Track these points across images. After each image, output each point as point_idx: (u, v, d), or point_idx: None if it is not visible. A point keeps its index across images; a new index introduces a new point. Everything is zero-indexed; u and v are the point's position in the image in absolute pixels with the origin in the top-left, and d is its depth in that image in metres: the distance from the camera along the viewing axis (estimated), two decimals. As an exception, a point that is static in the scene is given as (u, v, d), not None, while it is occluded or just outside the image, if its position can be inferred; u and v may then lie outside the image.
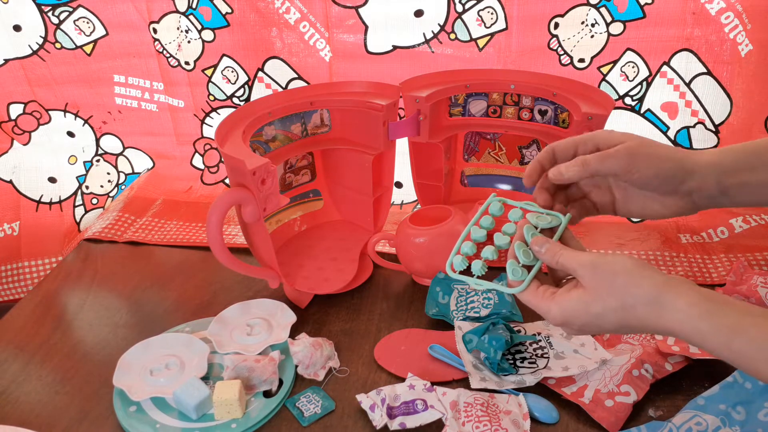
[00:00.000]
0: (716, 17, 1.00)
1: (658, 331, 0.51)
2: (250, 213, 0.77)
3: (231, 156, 0.76)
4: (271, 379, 0.74)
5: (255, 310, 0.86)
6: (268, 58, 1.15)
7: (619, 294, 0.51)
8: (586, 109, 0.83)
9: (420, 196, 1.05)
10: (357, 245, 0.97)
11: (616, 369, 0.72)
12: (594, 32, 1.04)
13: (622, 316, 0.51)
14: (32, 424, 0.72)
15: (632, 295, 0.51)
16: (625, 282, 0.51)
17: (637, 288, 0.51)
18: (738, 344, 0.47)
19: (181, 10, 1.14)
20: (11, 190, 1.26)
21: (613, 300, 0.51)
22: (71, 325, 0.90)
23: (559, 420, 0.70)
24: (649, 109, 1.09)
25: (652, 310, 0.50)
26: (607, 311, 0.52)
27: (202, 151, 1.28)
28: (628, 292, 0.51)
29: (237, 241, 1.05)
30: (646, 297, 0.50)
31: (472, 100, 1.01)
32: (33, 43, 1.17)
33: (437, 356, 0.78)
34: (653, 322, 0.50)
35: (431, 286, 0.87)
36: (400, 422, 0.67)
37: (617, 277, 0.51)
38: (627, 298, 0.51)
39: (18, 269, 1.28)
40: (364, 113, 0.92)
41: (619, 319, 0.51)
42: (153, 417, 0.71)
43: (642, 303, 0.50)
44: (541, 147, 1.02)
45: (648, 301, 0.50)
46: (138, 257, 1.06)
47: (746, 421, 0.64)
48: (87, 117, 1.26)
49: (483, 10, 1.05)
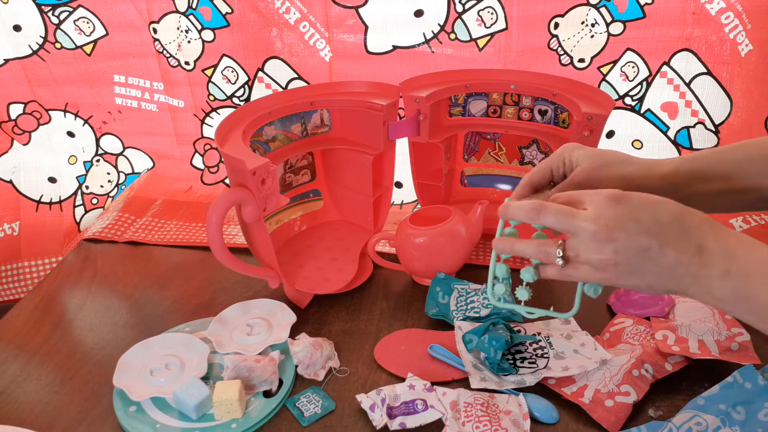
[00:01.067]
0: (716, 17, 1.00)
1: (708, 235, 0.50)
2: (250, 213, 0.77)
3: (231, 156, 0.76)
4: (271, 379, 0.74)
5: (255, 310, 0.86)
6: (268, 58, 1.16)
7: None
8: (586, 109, 0.83)
9: (420, 196, 1.05)
10: (357, 245, 0.97)
11: (616, 369, 0.72)
12: (594, 32, 1.04)
13: (682, 208, 0.51)
14: (32, 424, 0.72)
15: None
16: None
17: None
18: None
19: (181, 10, 1.14)
20: (11, 190, 1.26)
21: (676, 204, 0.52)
22: (71, 325, 0.90)
23: (559, 420, 0.70)
24: (649, 109, 1.09)
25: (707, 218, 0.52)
26: (669, 201, 0.51)
27: (202, 151, 1.28)
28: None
29: (237, 241, 1.05)
30: (704, 216, 0.52)
31: (472, 100, 1.01)
32: (33, 43, 1.17)
33: (437, 356, 0.78)
34: (707, 224, 0.51)
35: (431, 286, 0.87)
36: (400, 422, 0.67)
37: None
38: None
39: (18, 269, 1.28)
40: (364, 113, 0.92)
41: (679, 208, 0.51)
42: (153, 417, 0.71)
43: (701, 215, 0.52)
44: (541, 147, 1.02)
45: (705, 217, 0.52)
46: (138, 257, 1.06)
47: (746, 421, 0.64)
48: (87, 117, 1.26)
49: (483, 10, 1.05)
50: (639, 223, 0.50)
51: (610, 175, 0.60)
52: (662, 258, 0.50)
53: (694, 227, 0.51)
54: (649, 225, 0.50)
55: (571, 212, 0.52)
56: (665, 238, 0.50)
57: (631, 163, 0.62)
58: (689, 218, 0.51)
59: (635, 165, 0.62)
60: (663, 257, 0.50)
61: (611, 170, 0.60)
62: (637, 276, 0.51)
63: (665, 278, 0.51)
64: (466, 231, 0.89)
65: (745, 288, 0.49)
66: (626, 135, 1.12)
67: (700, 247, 0.50)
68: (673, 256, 0.50)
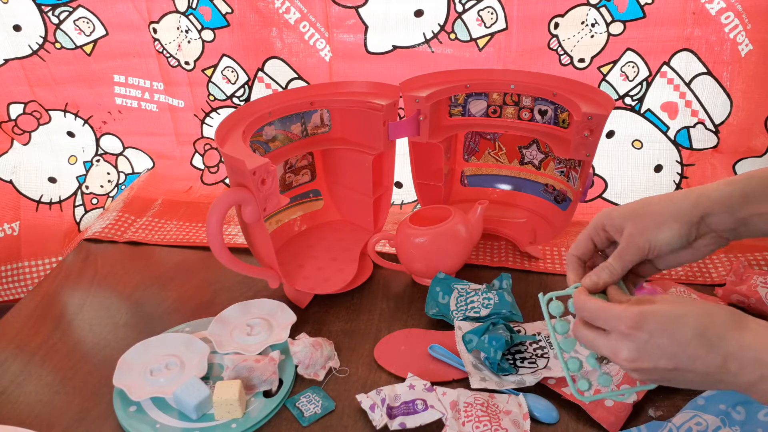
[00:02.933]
0: (716, 17, 1.00)
1: (730, 344, 0.49)
2: (250, 213, 0.77)
3: (231, 156, 0.76)
4: (271, 379, 0.74)
5: (255, 310, 0.86)
6: (268, 58, 1.15)
7: (702, 305, 0.51)
8: (586, 109, 0.83)
9: (420, 196, 1.05)
10: (357, 245, 0.97)
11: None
12: (594, 32, 1.04)
13: (703, 321, 0.49)
14: (32, 424, 0.72)
15: (716, 308, 0.51)
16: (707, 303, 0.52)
17: (720, 307, 0.51)
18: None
19: (181, 10, 1.14)
20: (11, 190, 1.26)
21: (697, 308, 0.50)
22: (71, 325, 0.90)
23: (559, 420, 0.70)
24: (649, 109, 1.09)
25: (734, 320, 0.49)
26: (689, 315, 0.50)
27: (202, 151, 1.28)
28: (712, 307, 0.51)
29: (237, 241, 1.05)
30: (728, 311, 0.50)
31: (472, 100, 1.01)
32: (33, 43, 1.17)
33: (437, 356, 0.78)
34: (731, 332, 0.49)
35: (431, 286, 0.87)
36: (400, 422, 0.67)
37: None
38: (711, 308, 0.50)
39: (18, 269, 1.28)
40: (364, 113, 0.92)
41: (699, 324, 0.49)
42: (153, 417, 0.71)
43: (725, 313, 0.50)
44: (541, 147, 1.02)
45: (730, 314, 0.50)
46: (138, 257, 1.06)
47: (746, 421, 0.64)
48: (87, 117, 1.26)
49: (483, 10, 1.05)
50: (660, 349, 0.50)
51: (662, 222, 0.57)
52: (690, 374, 0.50)
53: (717, 338, 0.49)
54: (670, 349, 0.49)
55: (595, 340, 0.53)
56: (688, 360, 0.49)
57: (677, 202, 0.58)
58: (712, 329, 0.49)
59: (684, 202, 0.57)
60: (691, 373, 0.50)
61: (661, 216, 0.57)
62: (676, 383, 0.52)
63: (705, 384, 0.51)
64: (466, 231, 0.89)
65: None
66: (626, 135, 1.12)
67: (725, 358, 0.48)
68: (701, 371, 0.49)
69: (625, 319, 0.51)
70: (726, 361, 0.48)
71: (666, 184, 1.13)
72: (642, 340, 0.50)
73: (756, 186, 0.56)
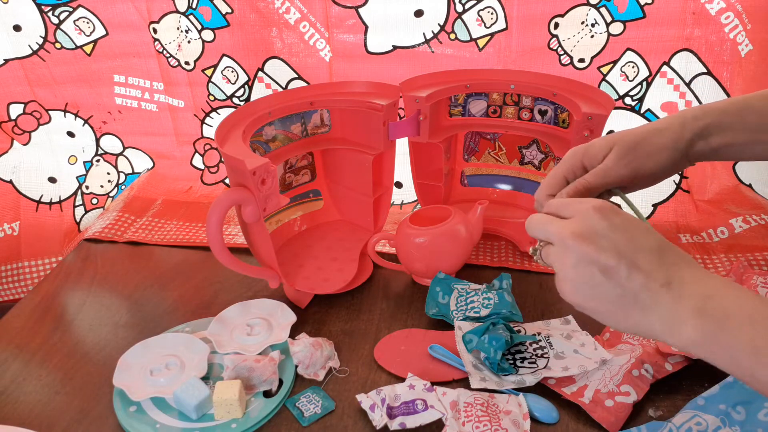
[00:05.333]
0: (716, 17, 1.00)
1: (682, 270, 0.47)
2: (250, 213, 0.77)
3: (231, 156, 0.76)
4: (271, 379, 0.74)
5: (255, 310, 0.86)
6: (268, 58, 1.16)
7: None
8: (586, 109, 0.83)
9: (420, 196, 1.05)
10: (357, 245, 0.97)
11: (616, 369, 0.72)
12: (594, 32, 1.04)
13: (668, 243, 0.48)
14: (32, 424, 0.72)
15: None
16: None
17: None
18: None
19: (181, 10, 1.14)
20: (11, 190, 1.26)
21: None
22: (71, 325, 0.90)
23: (559, 420, 0.70)
24: (649, 109, 1.09)
25: (696, 262, 0.49)
26: (657, 231, 0.49)
27: (202, 151, 1.28)
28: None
29: (237, 241, 1.05)
30: (692, 259, 0.49)
31: (472, 100, 1.01)
32: (33, 43, 1.17)
33: (437, 356, 0.78)
34: (688, 260, 0.48)
35: (431, 286, 0.87)
36: (400, 422, 0.67)
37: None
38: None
39: (18, 269, 1.28)
40: (364, 113, 0.92)
41: (663, 241, 0.48)
42: (153, 417, 0.71)
43: (688, 256, 0.49)
44: (541, 147, 1.02)
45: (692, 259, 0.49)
46: (138, 257, 1.06)
47: (746, 421, 0.64)
48: (87, 117, 1.26)
49: (483, 10, 1.05)
50: (612, 242, 0.47)
51: (655, 145, 0.59)
52: (628, 281, 0.46)
53: (671, 263, 0.47)
54: (623, 246, 0.47)
55: (549, 221, 0.50)
56: (636, 263, 0.46)
57: (660, 134, 0.60)
58: (671, 254, 0.48)
59: (665, 136, 0.60)
60: (629, 280, 0.46)
61: (653, 143, 0.59)
62: (594, 298, 0.48)
63: (627, 306, 0.47)
64: (466, 231, 0.89)
65: (720, 330, 0.44)
66: (626, 135, 1.12)
67: (670, 280, 0.46)
68: (640, 281, 0.46)
69: (596, 202, 0.49)
70: (669, 283, 0.46)
71: (666, 183, 1.13)
72: (600, 225, 0.47)
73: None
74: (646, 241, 0.48)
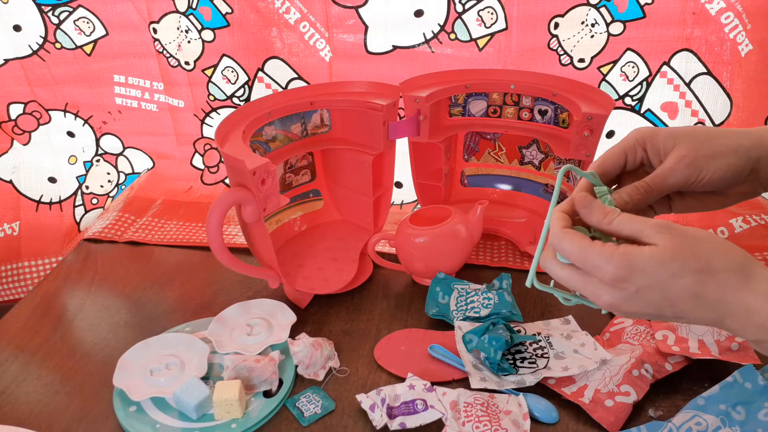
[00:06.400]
0: (716, 17, 1.00)
1: (731, 305, 0.45)
2: (250, 213, 0.77)
3: (231, 156, 0.76)
4: (271, 379, 0.74)
5: (255, 310, 0.86)
6: (268, 58, 1.15)
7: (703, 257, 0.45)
8: (586, 109, 0.83)
9: (420, 196, 1.05)
10: (357, 245, 0.97)
11: (616, 369, 0.72)
12: (594, 32, 1.04)
13: (701, 280, 0.45)
14: (32, 424, 0.72)
15: (720, 259, 0.46)
16: (712, 248, 0.46)
17: (726, 254, 0.46)
18: None
19: (181, 10, 1.14)
20: (11, 190, 1.26)
21: (696, 262, 0.45)
22: (71, 325, 0.90)
23: (559, 420, 0.70)
24: (649, 109, 1.09)
25: (738, 278, 0.45)
26: (686, 272, 0.45)
27: (202, 151, 1.28)
28: (716, 256, 0.46)
29: (237, 241, 1.05)
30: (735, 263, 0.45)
31: (472, 100, 1.01)
32: (33, 43, 1.17)
33: (437, 356, 0.78)
34: (732, 292, 0.45)
35: (431, 286, 0.87)
36: (400, 422, 0.67)
37: (702, 242, 0.46)
38: (713, 261, 0.45)
39: (18, 269, 1.28)
40: (364, 113, 0.92)
41: (696, 285, 0.45)
42: (153, 417, 0.71)
43: (728, 269, 0.45)
44: (541, 147, 1.02)
45: (736, 268, 0.45)
46: (138, 257, 1.06)
47: (746, 421, 0.64)
48: (87, 117, 1.26)
49: (483, 10, 1.05)
50: (647, 301, 0.46)
51: (722, 151, 0.52)
52: (681, 320, 0.48)
53: (716, 301, 0.46)
54: (660, 303, 0.46)
55: (577, 282, 0.49)
56: (678, 313, 0.47)
57: (739, 137, 0.53)
58: (711, 291, 0.46)
59: (746, 138, 0.53)
60: (682, 320, 0.47)
61: (722, 146, 0.52)
62: (664, 320, 0.49)
63: (699, 324, 0.48)
64: (466, 231, 0.89)
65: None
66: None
67: (723, 318, 0.46)
68: (693, 320, 0.47)
69: (611, 270, 0.46)
70: (723, 321, 0.45)
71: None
72: (629, 292, 0.46)
73: None
74: (679, 291, 0.46)
